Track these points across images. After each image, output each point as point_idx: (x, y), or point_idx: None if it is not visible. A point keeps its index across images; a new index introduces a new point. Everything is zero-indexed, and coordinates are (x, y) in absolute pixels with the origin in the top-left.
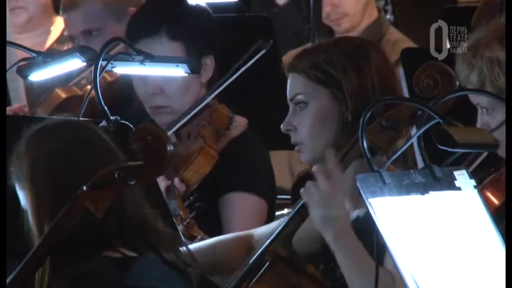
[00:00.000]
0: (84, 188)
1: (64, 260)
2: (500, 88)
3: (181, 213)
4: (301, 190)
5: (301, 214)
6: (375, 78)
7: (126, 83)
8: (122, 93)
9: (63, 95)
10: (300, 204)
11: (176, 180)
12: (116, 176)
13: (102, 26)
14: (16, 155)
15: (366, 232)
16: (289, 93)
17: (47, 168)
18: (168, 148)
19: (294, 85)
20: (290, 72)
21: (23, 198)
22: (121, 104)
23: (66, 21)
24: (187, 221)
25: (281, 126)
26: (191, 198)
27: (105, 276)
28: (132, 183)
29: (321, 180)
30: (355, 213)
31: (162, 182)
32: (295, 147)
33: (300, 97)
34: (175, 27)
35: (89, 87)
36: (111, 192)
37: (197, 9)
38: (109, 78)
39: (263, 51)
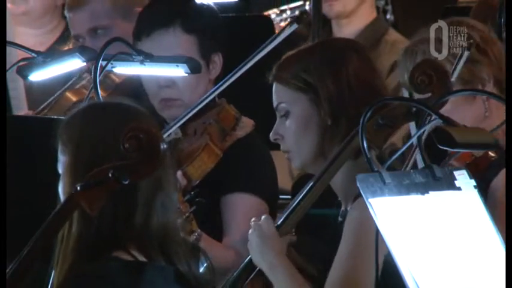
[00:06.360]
0: (78, 187)
1: (73, 259)
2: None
3: (180, 207)
4: (251, 223)
5: (298, 213)
6: (353, 81)
7: (134, 84)
8: (131, 94)
9: (74, 98)
10: (295, 203)
11: (179, 174)
12: (110, 175)
13: (109, 25)
14: (68, 124)
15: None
16: (274, 103)
17: (95, 139)
18: (162, 146)
19: (277, 94)
20: (274, 82)
21: (62, 162)
22: None
23: (72, 20)
24: (186, 215)
25: (270, 135)
26: (192, 192)
27: (114, 279)
28: (126, 182)
29: (262, 221)
30: (340, 218)
31: None
32: (286, 156)
33: (282, 105)
34: (190, 20)
35: None
36: (106, 191)
37: (206, 6)
38: (117, 80)
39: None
